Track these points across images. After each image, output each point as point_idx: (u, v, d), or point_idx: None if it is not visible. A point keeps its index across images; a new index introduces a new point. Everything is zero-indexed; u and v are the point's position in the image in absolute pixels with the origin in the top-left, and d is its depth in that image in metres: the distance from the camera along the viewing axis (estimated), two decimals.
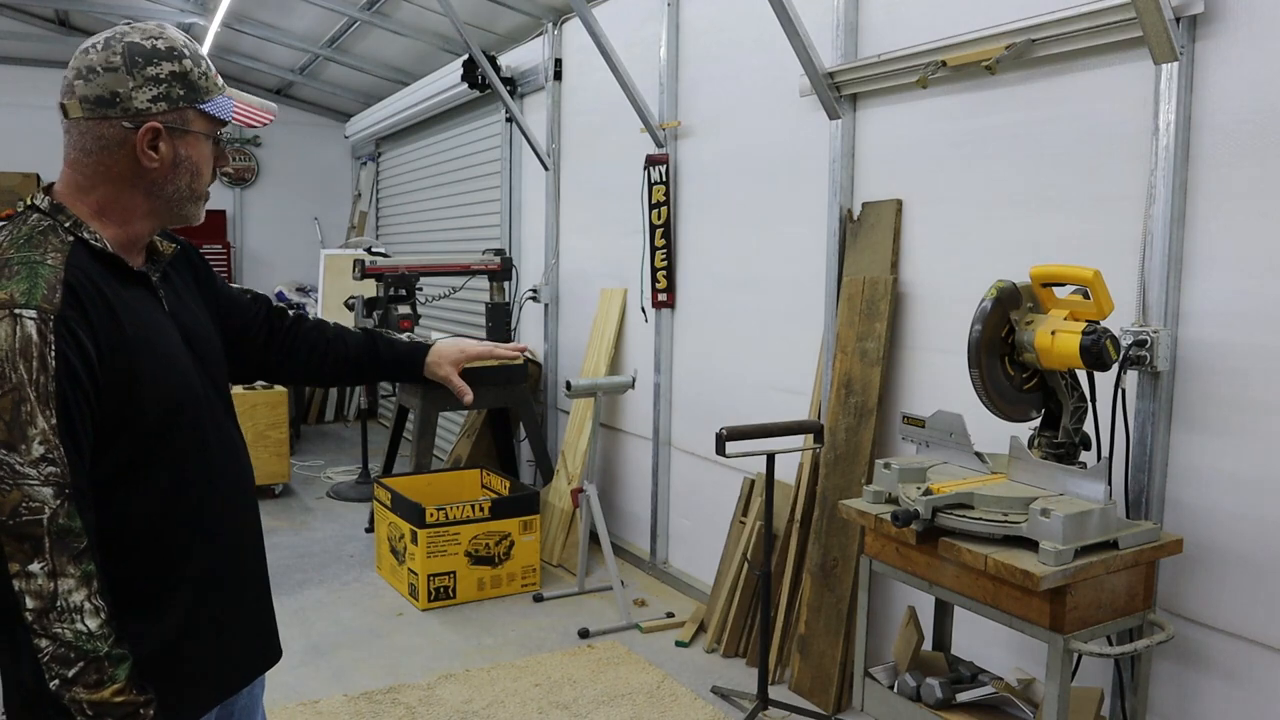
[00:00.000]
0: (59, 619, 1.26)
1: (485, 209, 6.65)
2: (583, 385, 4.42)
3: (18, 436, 1.26)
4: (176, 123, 1.44)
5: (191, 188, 1.50)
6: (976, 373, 2.48)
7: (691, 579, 4.51)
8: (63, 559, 1.27)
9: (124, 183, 1.44)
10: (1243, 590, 2.41)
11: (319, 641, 4.01)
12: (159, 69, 1.42)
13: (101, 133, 1.41)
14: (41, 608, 1.26)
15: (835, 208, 3.55)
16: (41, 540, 1.26)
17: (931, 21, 3.15)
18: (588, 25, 4.41)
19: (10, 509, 1.25)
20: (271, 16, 6.93)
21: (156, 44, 1.43)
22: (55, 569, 1.26)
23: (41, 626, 1.26)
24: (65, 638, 1.27)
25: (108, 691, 1.29)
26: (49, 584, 1.26)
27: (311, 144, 9.25)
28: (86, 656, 1.28)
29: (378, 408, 8.27)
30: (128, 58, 1.40)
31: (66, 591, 1.27)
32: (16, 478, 1.25)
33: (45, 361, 1.28)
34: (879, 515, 2.53)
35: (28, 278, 1.31)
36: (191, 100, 1.45)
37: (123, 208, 1.45)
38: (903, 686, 2.63)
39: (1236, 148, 2.39)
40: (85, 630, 1.28)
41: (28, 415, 1.26)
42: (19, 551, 1.25)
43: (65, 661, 1.27)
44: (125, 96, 1.40)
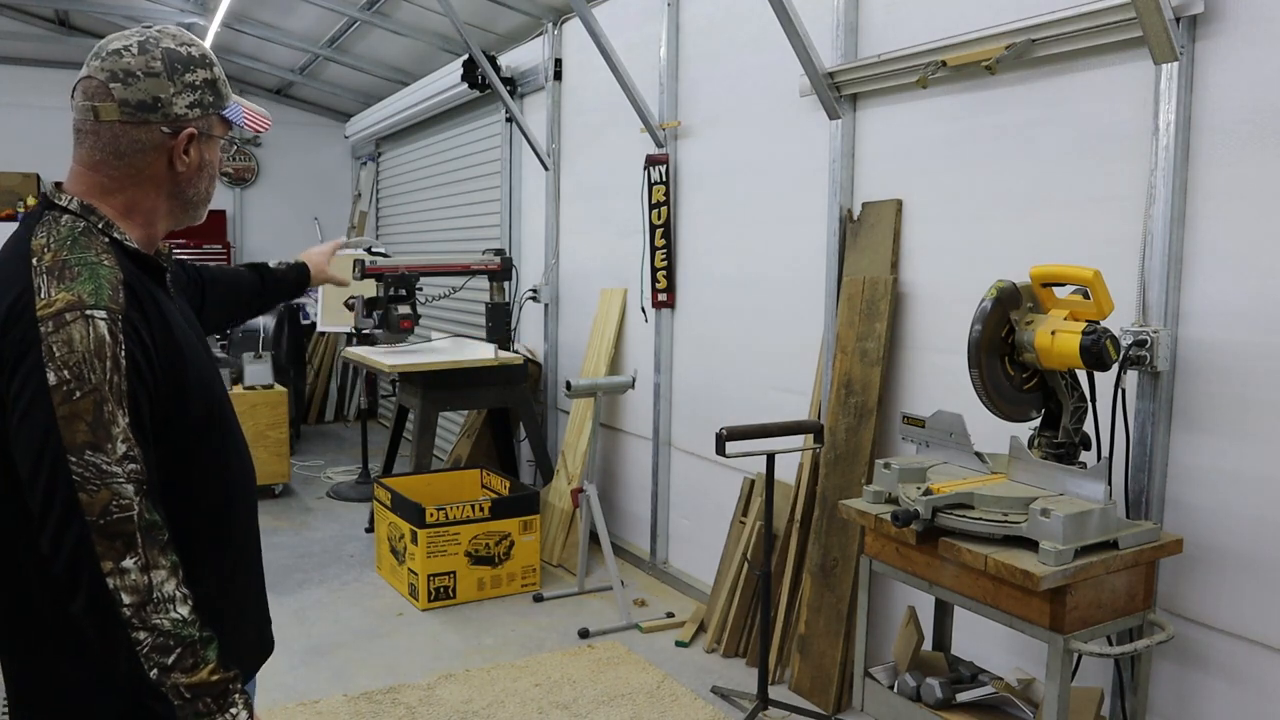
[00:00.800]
0: (156, 610, 1.29)
1: (485, 209, 6.65)
2: (583, 385, 4.42)
3: (102, 436, 1.27)
4: (205, 128, 1.48)
5: (208, 190, 1.54)
6: (976, 373, 2.48)
7: (691, 579, 4.51)
8: (153, 552, 1.30)
9: (151, 185, 1.46)
10: (1243, 590, 2.41)
11: (319, 641, 4.01)
12: (195, 75, 1.45)
13: (138, 136, 1.42)
14: (139, 601, 1.28)
15: (835, 208, 3.55)
16: (133, 536, 1.28)
17: (931, 21, 3.15)
18: (588, 25, 4.41)
19: (101, 508, 1.27)
20: (271, 16, 6.93)
21: (192, 51, 1.46)
22: (148, 562, 1.29)
23: (140, 619, 1.28)
24: (164, 627, 1.29)
25: (204, 672, 1.32)
26: (143, 578, 1.28)
27: (311, 144, 9.25)
28: (184, 642, 1.31)
29: (378, 408, 8.27)
30: (168, 64, 1.43)
31: (160, 583, 1.30)
32: (104, 477, 1.27)
33: (118, 361, 1.30)
34: (879, 515, 2.53)
35: (90, 279, 1.33)
36: (218, 106, 1.50)
37: (146, 210, 1.47)
38: (903, 686, 2.63)
39: (1236, 148, 2.39)
40: (179, 617, 1.31)
41: (110, 415, 1.28)
42: (112, 549, 1.27)
43: (164, 650, 1.30)
44: (167, 102, 1.42)
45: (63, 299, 1.30)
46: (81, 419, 1.27)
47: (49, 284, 1.31)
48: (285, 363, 7.23)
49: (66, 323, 1.28)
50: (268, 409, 6.07)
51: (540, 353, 5.87)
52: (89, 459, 1.27)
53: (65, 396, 1.27)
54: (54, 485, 1.27)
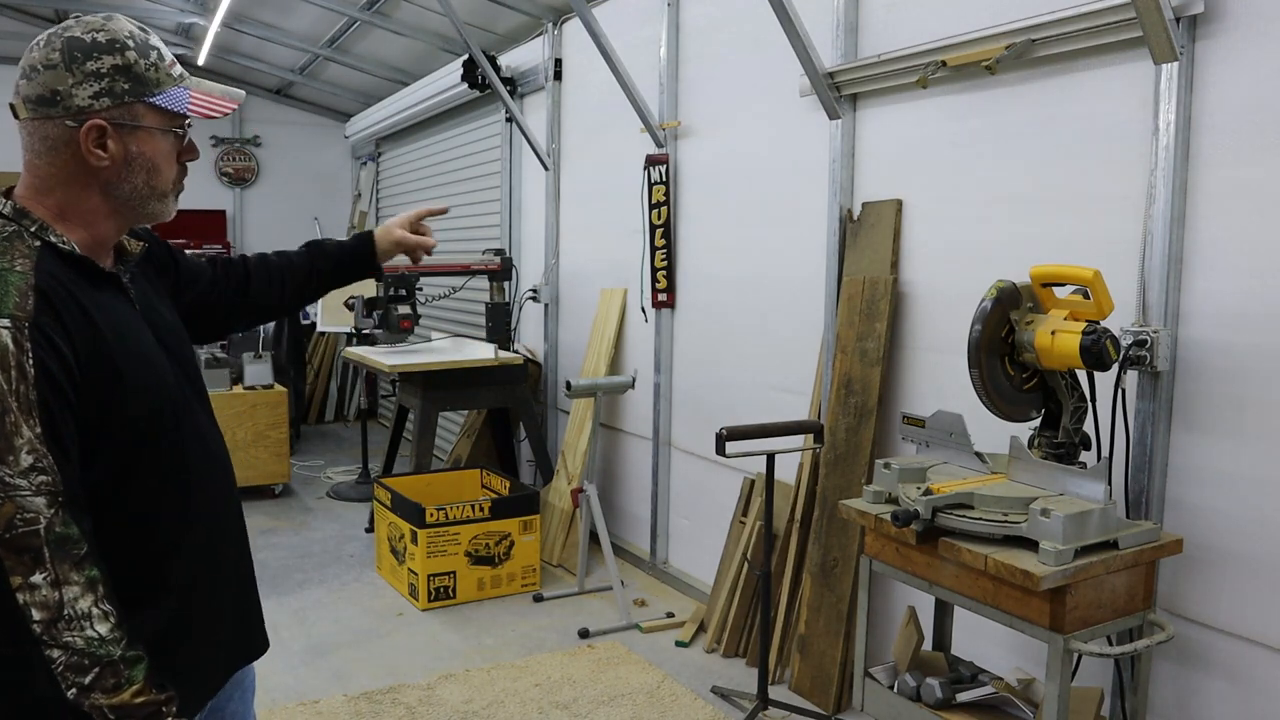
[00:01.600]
0: (68, 627, 1.25)
1: (485, 209, 6.65)
2: (583, 385, 4.42)
3: (4, 448, 1.22)
4: (124, 118, 1.38)
5: (150, 185, 1.43)
6: (976, 373, 2.48)
7: (691, 579, 4.51)
8: (64, 566, 1.25)
9: (78, 183, 1.38)
10: (1243, 590, 2.41)
11: (319, 641, 4.01)
12: (99, 63, 1.36)
13: (47, 133, 1.36)
14: (49, 618, 1.24)
15: (835, 208, 3.55)
16: (40, 550, 1.23)
17: (931, 21, 3.15)
18: (588, 25, 4.41)
19: (5, 522, 1.22)
20: (271, 16, 6.93)
21: (97, 37, 1.37)
22: (58, 578, 1.24)
23: (51, 637, 1.24)
24: (77, 645, 1.25)
25: (127, 694, 1.28)
26: (53, 593, 1.24)
27: (311, 144, 9.25)
28: (101, 661, 1.26)
29: (378, 408, 8.27)
30: (66, 53, 1.35)
31: (72, 599, 1.25)
32: (7, 490, 1.22)
33: (24, 370, 1.24)
34: (879, 515, 2.53)
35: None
36: (139, 94, 1.39)
37: (83, 209, 1.40)
38: (903, 686, 2.63)
39: (1236, 148, 2.39)
40: (96, 635, 1.26)
41: (12, 426, 1.23)
42: (19, 564, 1.23)
43: (80, 669, 1.25)
44: (65, 94, 1.35)
45: None
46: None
47: None
48: (285, 363, 7.23)
49: None
50: (268, 409, 6.07)
51: (540, 353, 5.87)
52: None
53: None
54: None
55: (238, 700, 1.68)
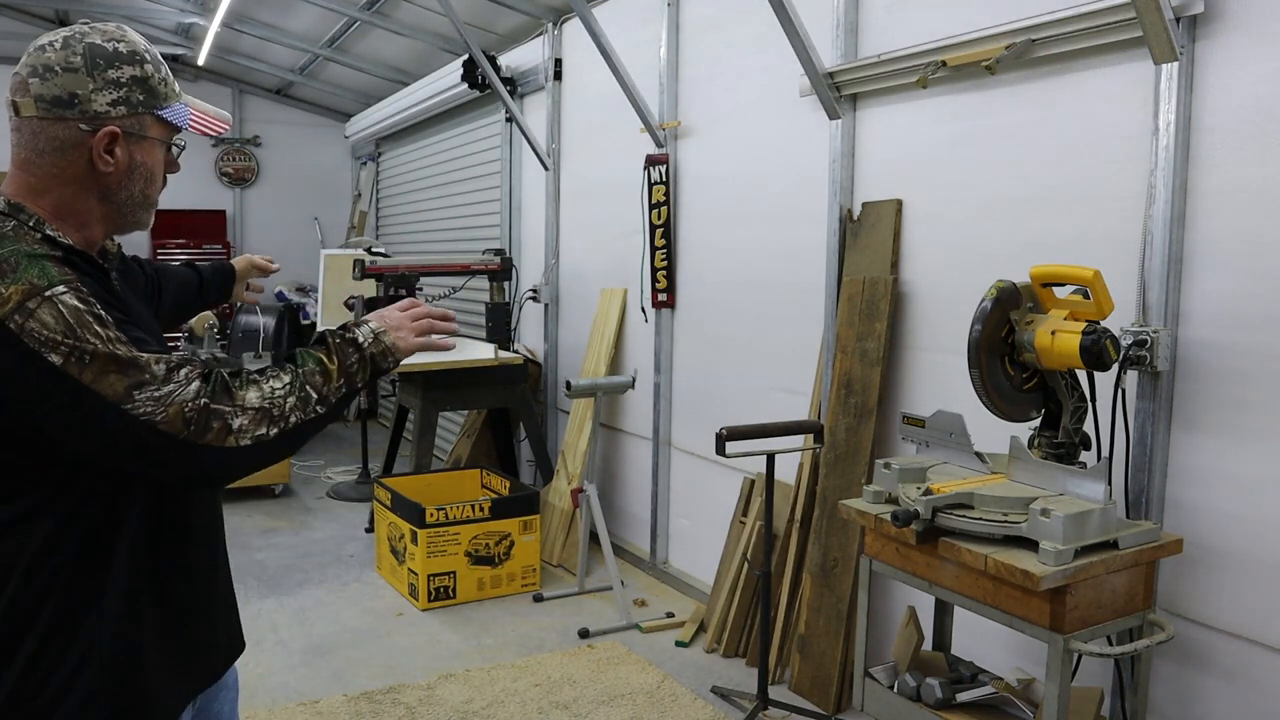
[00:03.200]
0: (278, 408, 1.34)
1: (485, 209, 6.65)
2: (583, 385, 4.42)
3: (134, 374, 1.26)
4: (134, 128, 1.41)
5: (145, 194, 1.46)
6: (976, 373, 2.48)
7: (691, 579, 4.51)
8: (240, 395, 1.32)
9: (78, 186, 1.40)
10: (1243, 590, 2.41)
11: (319, 641, 4.01)
12: (120, 72, 1.39)
13: (56, 134, 1.37)
14: (268, 423, 1.33)
15: (835, 208, 3.55)
16: (217, 412, 1.29)
17: (931, 21, 3.15)
18: (588, 25, 4.41)
19: (182, 422, 1.27)
20: (271, 16, 6.93)
21: (118, 46, 1.40)
22: (240, 405, 1.31)
23: (285, 424, 1.34)
24: (293, 402, 1.35)
25: (329, 367, 1.41)
26: (250, 414, 1.31)
27: (311, 144, 9.24)
28: (303, 383, 1.38)
29: (378, 408, 8.27)
30: (89, 59, 1.37)
31: (263, 397, 1.33)
32: (162, 402, 1.26)
33: (103, 319, 1.27)
34: (879, 515, 2.53)
35: (31, 264, 1.28)
36: (150, 106, 1.42)
37: (78, 212, 1.41)
38: (903, 686, 2.63)
39: (1236, 148, 2.39)
40: (284, 386, 1.36)
41: (127, 355, 1.26)
42: (220, 432, 1.29)
43: (307, 399, 1.37)
44: (85, 98, 1.36)
45: (15, 291, 1.25)
46: (108, 372, 1.25)
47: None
48: None
49: (31, 311, 1.24)
50: None
51: (540, 353, 5.87)
52: (140, 397, 1.25)
53: (79, 365, 1.24)
54: (141, 439, 1.26)
55: (223, 700, 1.69)
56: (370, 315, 1.52)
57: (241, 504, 5.93)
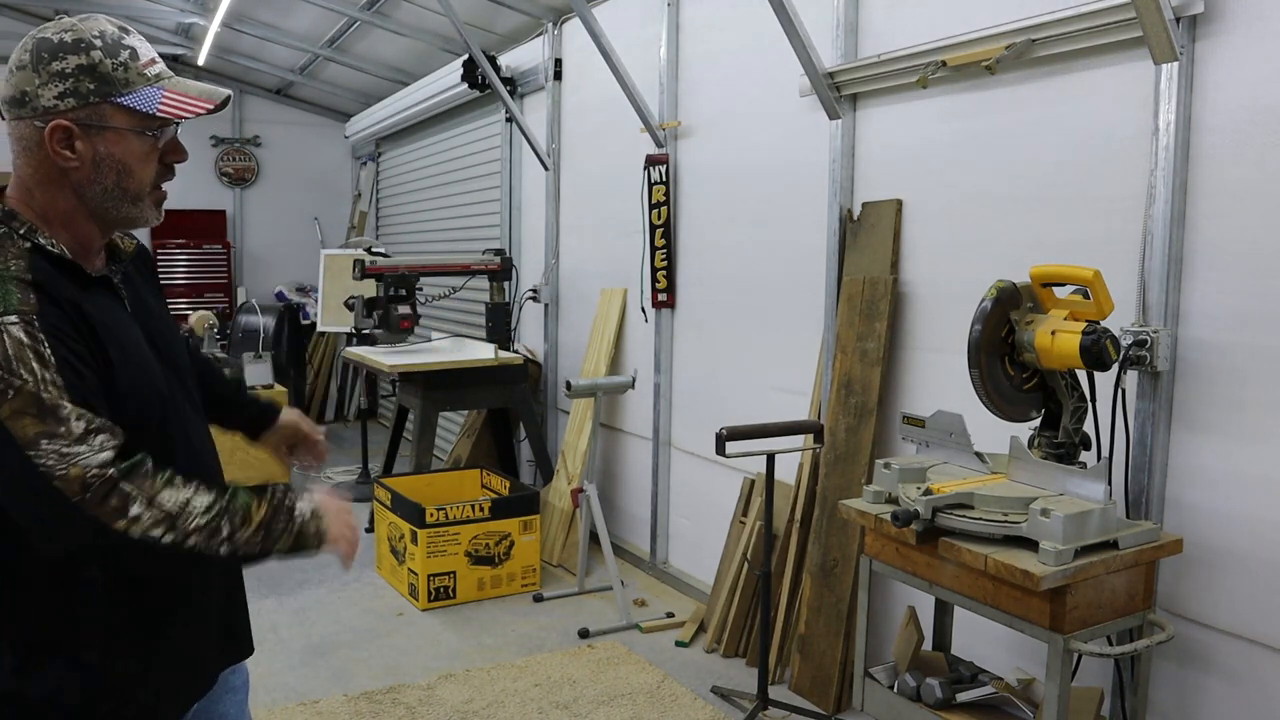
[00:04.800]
0: (185, 521, 1.31)
1: (485, 209, 6.65)
2: (583, 385, 4.42)
3: (52, 424, 1.25)
4: (91, 119, 1.36)
5: (121, 187, 1.40)
6: (976, 373, 2.48)
7: (691, 579, 4.51)
8: (145, 484, 1.30)
9: (53, 185, 1.38)
10: (1243, 590, 2.41)
11: (319, 641, 4.01)
12: (64, 63, 1.35)
13: (21, 134, 1.37)
14: (164, 528, 1.30)
15: (835, 208, 3.55)
16: (119, 487, 1.28)
17: (931, 21, 3.15)
18: (588, 25, 4.41)
19: (79, 485, 1.26)
20: (271, 16, 6.92)
21: (64, 37, 1.36)
22: (149, 497, 1.30)
23: (181, 538, 1.31)
24: (199, 524, 1.32)
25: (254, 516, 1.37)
26: (154, 512, 1.30)
27: (311, 144, 9.24)
28: (219, 517, 1.34)
29: (378, 408, 8.27)
30: (35, 54, 1.36)
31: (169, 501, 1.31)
32: (68, 459, 1.25)
33: (44, 357, 1.26)
34: (879, 515, 2.53)
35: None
36: (105, 94, 1.36)
37: (62, 211, 1.39)
38: (903, 686, 2.63)
39: (1236, 148, 2.39)
40: (202, 505, 1.33)
41: (50, 403, 1.26)
42: (114, 512, 1.27)
43: (213, 534, 1.33)
44: (33, 95, 1.35)
45: None
46: (25, 414, 1.24)
47: None
48: (285, 363, 7.23)
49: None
50: None
51: (540, 353, 5.86)
52: (45, 448, 1.25)
53: (1, 397, 1.23)
54: (32, 487, 1.25)
55: (228, 703, 1.68)
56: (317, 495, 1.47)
57: None
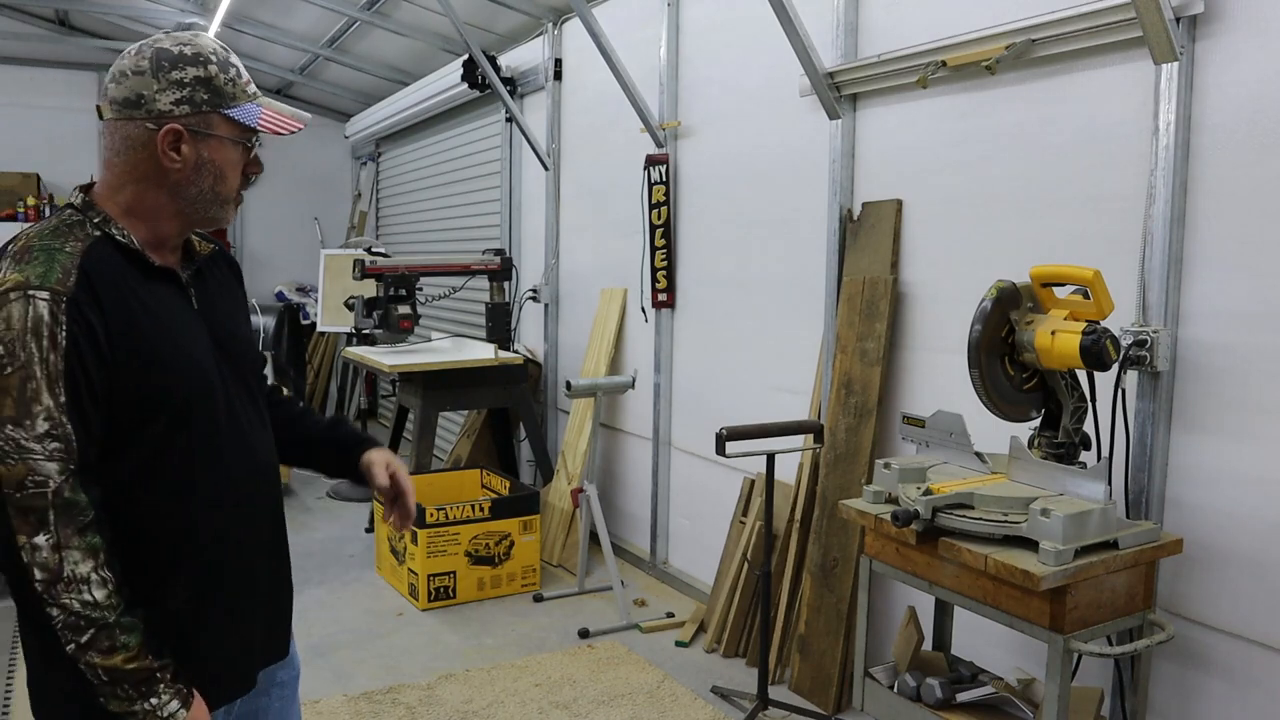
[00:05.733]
0: (66, 589, 1.31)
1: (485, 209, 6.65)
2: (583, 385, 4.42)
3: (23, 413, 1.31)
4: (200, 126, 1.48)
5: (215, 190, 1.52)
6: (976, 373, 2.48)
7: (691, 579, 4.51)
8: (67, 531, 1.32)
9: (149, 182, 1.48)
10: (1243, 590, 2.41)
11: (319, 641, 4.01)
12: (184, 73, 1.47)
13: (128, 133, 1.46)
14: (49, 578, 1.31)
15: (835, 208, 3.55)
16: (45, 513, 1.31)
17: (931, 21, 3.15)
18: (588, 25, 4.41)
19: (16, 482, 1.30)
20: (271, 16, 6.92)
21: (184, 49, 1.48)
22: (60, 541, 1.31)
23: (50, 596, 1.31)
24: (73, 608, 1.32)
25: (119, 658, 1.34)
26: (54, 556, 1.31)
27: (311, 144, 9.22)
28: (95, 624, 1.33)
29: (378, 408, 8.26)
30: (154, 62, 1.46)
31: (73, 563, 1.32)
32: (22, 452, 1.30)
33: (56, 341, 1.32)
34: (879, 515, 2.53)
35: (45, 262, 1.36)
36: (216, 105, 1.49)
37: (149, 207, 1.49)
38: (903, 686, 2.63)
39: (1236, 148, 2.39)
40: (92, 600, 1.32)
41: (33, 392, 1.31)
42: (25, 524, 1.31)
43: (76, 629, 1.32)
44: (149, 99, 1.45)
45: (12, 280, 1.34)
46: (7, 394, 1.31)
47: (7, 267, 1.36)
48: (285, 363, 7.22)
49: (9, 301, 1.32)
50: None
51: (540, 353, 5.86)
52: (8, 433, 1.30)
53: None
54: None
55: (274, 697, 1.72)
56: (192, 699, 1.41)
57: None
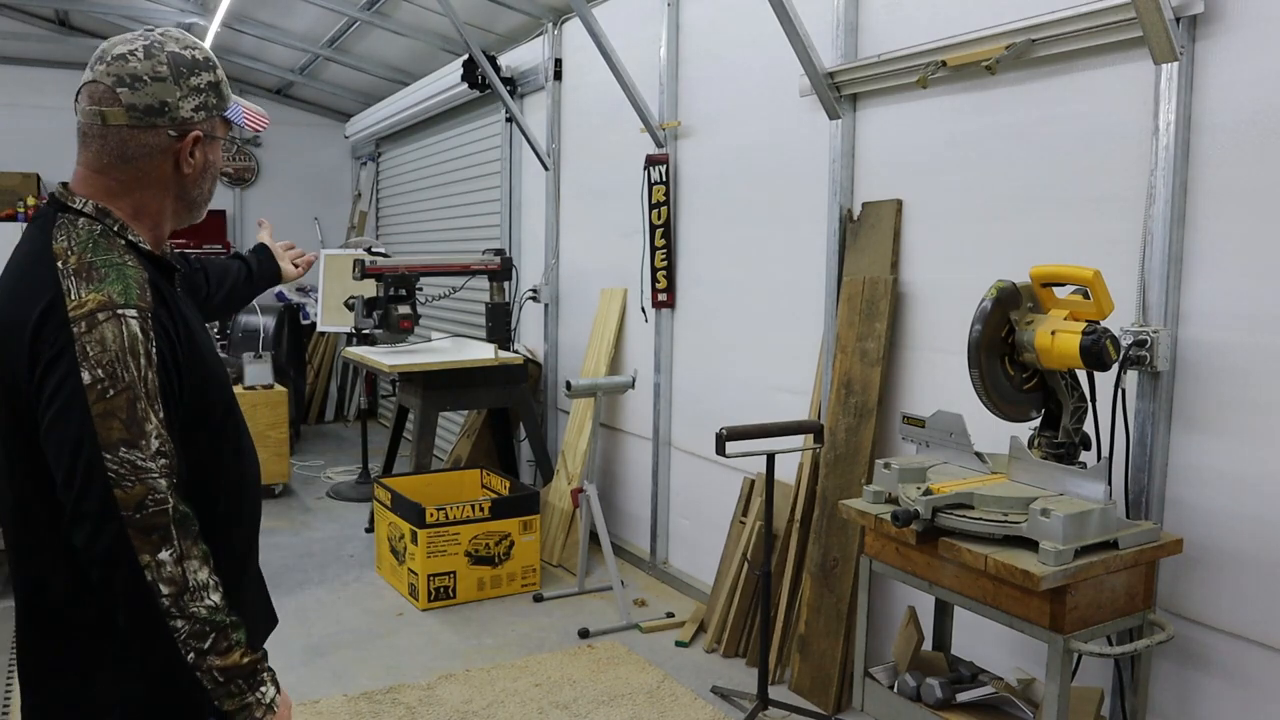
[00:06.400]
0: (193, 599, 1.34)
1: (485, 209, 6.65)
2: (583, 385, 4.42)
3: (136, 433, 1.31)
4: (210, 130, 1.51)
5: (210, 190, 1.57)
6: (976, 373, 2.48)
7: (691, 579, 4.51)
8: (187, 543, 1.34)
9: (158, 187, 1.48)
10: (1243, 590, 2.41)
11: (319, 641, 4.01)
12: (200, 79, 1.48)
13: (146, 140, 1.45)
14: (176, 591, 1.32)
15: (835, 208, 3.55)
16: (168, 528, 1.32)
17: (931, 21, 3.15)
18: (588, 25, 4.41)
19: (136, 503, 1.30)
20: (271, 16, 6.92)
21: (196, 55, 1.48)
22: (182, 553, 1.33)
23: (179, 608, 1.33)
24: (200, 615, 1.34)
25: (235, 655, 1.37)
26: (178, 569, 1.33)
27: (311, 144, 9.24)
28: (218, 627, 1.36)
29: (378, 408, 8.27)
30: (174, 68, 1.45)
31: (194, 572, 1.34)
32: (139, 473, 1.31)
33: (150, 357, 1.34)
34: (879, 515, 2.53)
35: (118, 279, 1.36)
36: (220, 109, 1.52)
37: (154, 212, 1.50)
38: (903, 686, 2.63)
39: (1236, 148, 2.39)
40: (213, 604, 1.36)
41: (143, 412, 1.32)
42: (148, 543, 1.31)
43: (201, 636, 1.34)
44: (174, 106, 1.45)
45: (94, 299, 1.33)
46: (116, 416, 1.30)
47: (78, 286, 1.34)
48: (285, 363, 7.22)
49: (99, 322, 1.32)
50: (268, 409, 6.07)
51: (540, 353, 5.86)
52: (124, 455, 1.30)
53: (100, 395, 1.30)
54: (90, 482, 1.29)
55: None
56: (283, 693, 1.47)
57: None
